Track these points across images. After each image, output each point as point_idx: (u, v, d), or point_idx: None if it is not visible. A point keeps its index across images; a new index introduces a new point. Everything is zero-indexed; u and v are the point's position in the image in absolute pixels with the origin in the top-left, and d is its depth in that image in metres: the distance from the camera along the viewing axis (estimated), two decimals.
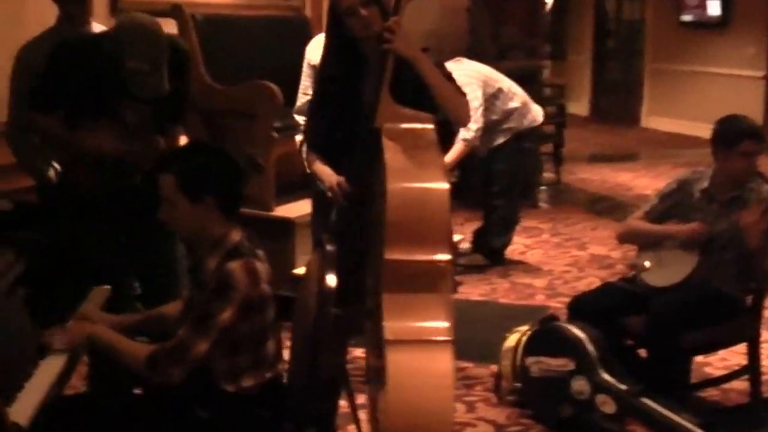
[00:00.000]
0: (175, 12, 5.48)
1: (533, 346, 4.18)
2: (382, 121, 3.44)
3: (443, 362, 3.26)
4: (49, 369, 2.77)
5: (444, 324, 3.32)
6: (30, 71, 3.99)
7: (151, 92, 3.64)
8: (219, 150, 3.01)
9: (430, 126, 3.48)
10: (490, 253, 6.54)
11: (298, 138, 4.74)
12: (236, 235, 2.90)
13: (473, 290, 6.06)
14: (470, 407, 4.35)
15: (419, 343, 3.27)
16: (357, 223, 3.60)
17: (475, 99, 5.97)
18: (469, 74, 6.11)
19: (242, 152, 3.90)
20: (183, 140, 4.01)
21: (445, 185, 3.36)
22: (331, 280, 2.83)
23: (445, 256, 3.32)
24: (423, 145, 3.46)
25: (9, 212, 3.48)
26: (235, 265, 2.78)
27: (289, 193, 5.44)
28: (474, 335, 5.13)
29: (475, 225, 6.76)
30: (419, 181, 3.38)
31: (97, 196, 3.73)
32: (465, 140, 5.95)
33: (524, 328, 4.33)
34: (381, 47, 3.40)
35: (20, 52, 4.18)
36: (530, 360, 4.15)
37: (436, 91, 3.50)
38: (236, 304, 2.75)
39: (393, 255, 3.30)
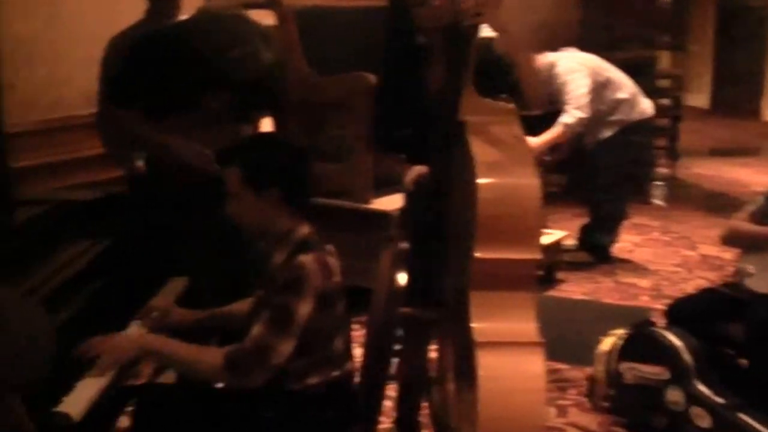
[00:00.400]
0: (273, 3, 5.43)
1: (628, 351, 4.03)
2: (465, 113, 3.33)
3: (535, 364, 3.14)
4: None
5: (533, 325, 3.20)
6: (117, 63, 3.97)
7: (258, 71, 3.58)
8: (285, 141, 2.96)
9: (516, 118, 3.36)
10: (595, 250, 6.36)
11: None
12: (304, 229, 2.82)
13: (576, 288, 5.90)
14: (562, 411, 4.21)
15: (510, 345, 3.16)
16: (432, 219, 3.50)
17: (583, 86, 5.84)
18: (579, 62, 6.01)
19: (334, 135, 3.80)
20: (269, 124, 3.96)
21: (536, 181, 3.24)
22: (401, 278, 2.74)
23: (535, 255, 3.20)
24: (511, 139, 3.33)
25: (92, 202, 3.49)
26: (306, 258, 2.71)
27: (386, 186, 5.34)
28: (572, 335, 4.99)
29: (584, 221, 6.57)
30: (510, 177, 3.26)
31: (181, 189, 3.69)
32: (565, 125, 5.80)
33: (620, 331, 4.17)
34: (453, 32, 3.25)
35: (109, 45, 4.18)
36: (624, 366, 3.99)
37: (524, 74, 3.40)
38: (312, 298, 2.67)
39: (483, 253, 3.20)
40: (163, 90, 3.71)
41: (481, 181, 3.21)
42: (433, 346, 3.62)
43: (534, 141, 5.68)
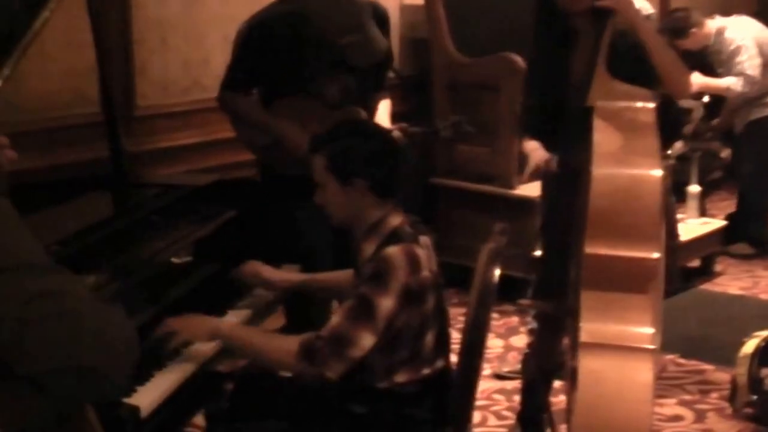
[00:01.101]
0: None
1: None
2: (595, 98, 3.17)
3: (643, 372, 2.96)
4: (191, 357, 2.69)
5: (648, 330, 3.01)
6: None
7: (372, 57, 3.52)
8: (372, 128, 2.86)
9: (650, 105, 3.16)
10: (754, 241, 5.99)
11: None
12: (395, 220, 2.71)
13: (732, 283, 5.61)
14: (700, 416, 4.00)
15: (617, 349, 2.99)
16: (564, 210, 3.34)
17: (756, 56, 5.65)
18: (750, 30, 5.75)
19: (449, 118, 3.68)
20: (386, 107, 3.86)
21: (658, 173, 3.04)
22: (496, 274, 2.59)
23: (654, 254, 3.00)
24: (639, 127, 3.15)
25: (207, 187, 3.48)
26: (393, 250, 2.59)
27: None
28: (721, 334, 4.75)
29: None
30: (629, 167, 3.08)
31: (293, 176, 3.63)
32: (729, 88, 5.60)
33: (765, 333, 3.90)
34: (598, 14, 3.19)
35: (240, 27, 4.13)
36: (766, 371, 3.72)
37: (657, 59, 3.21)
38: (396, 292, 2.55)
39: (594, 249, 3.02)
40: (278, 74, 3.68)
41: (596, 170, 3.04)
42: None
43: (698, 79, 5.42)
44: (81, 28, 4.21)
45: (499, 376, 4.41)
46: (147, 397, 2.43)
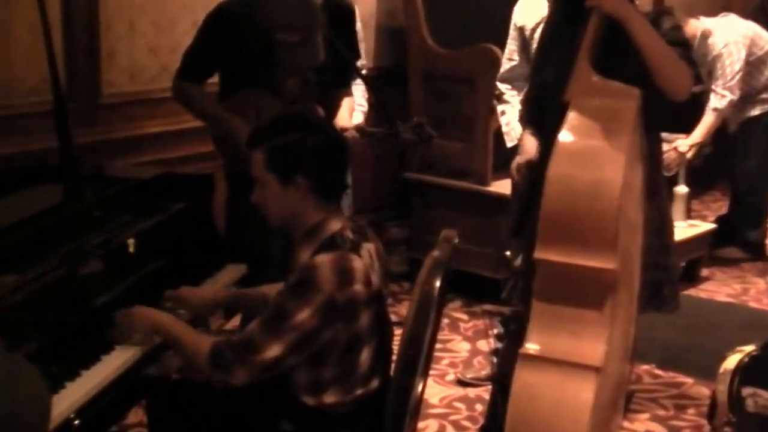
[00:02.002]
0: None
1: (752, 373, 3.61)
2: (573, 93, 3.00)
3: (583, 392, 2.81)
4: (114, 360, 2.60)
5: (597, 347, 2.85)
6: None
7: (303, 64, 3.40)
8: (317, 124, 2.70)
9: (633, 104, 2.99)
10: (746, 245, 5.83)
11: (500, 108, 4.34)
12: (335, 224, 2.56)
13: (720, 289, 5.46)
14: None
15: (558, 364, 2.84)
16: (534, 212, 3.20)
17: (737, 61, 5.40)
18: (737, 31, 5.51)
19: (411, 120, 3.56)
20: (348, 105, 3.75)
21: (618, 179, 2.88)
22: (437, 285, 2.46)
23: (607, 264, 2.86)
24: (614, 128, 2.96)
25: (156, 179, 3.39)
26: (321, 260, 2.45)
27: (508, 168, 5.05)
28: (704, 344, 4.59)
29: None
30: (590, 170, 2.92)
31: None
32: (716, 110, 5.37)
33: (749, 348, 3.73)
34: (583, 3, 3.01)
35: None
36: (747, 390, 3.57)
37: (649, 56, 3.06)
38: (316, 305, 2.41)
39: (545, 254, 2.89)
40: (232, 66, 3.58)
41: (552, 169, 2.89)
42: None
43: (687, 142, 5.30)
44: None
45: (462, 383, 4.27)
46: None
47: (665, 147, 4.59)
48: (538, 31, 3.80)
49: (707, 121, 5.37)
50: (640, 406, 4.06)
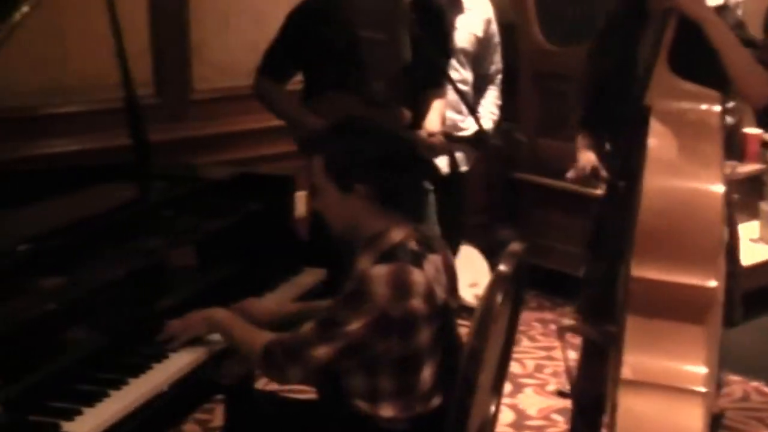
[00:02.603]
0: None
1: None
2: (654, 97, 2.78)
3: (691, 419, 2.57)
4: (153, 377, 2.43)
5: (700, 369, 2.61)
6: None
7: (387, 64, 3.22)
8: (378, 129, 2.51)
9: (716, 108, 2.76)
10: None
11: None
12: (398, 234, 2.39)
13: None
14: None
15: (663, 390, 2.61)
16: (613, 225, 2.97)
17: None
18: None
19: (501, 126, 3.35)
20: (439, 107, 3.53)
21: (718, 187, 2.63)
22: (498, 301, 2.25)
23: (709, 281, 2.60)
24: (703, 134, 2.74)
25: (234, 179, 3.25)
26: (378, 271, 2.30)
27: None
28: None
29: None
30: (688, 180, 2.67)
31: None
32: None
33: None
34: (661, 4, 2.83)
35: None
36: None
37: (727, 60, 2.83)
38: (368, 318, 2.27)
39: (642, 272, 2.64)
40: (314, 64, 3.42)
41: (648, 181, 2.65)
42: None
43: None
44: (134, 9, 4.09)
45: (562, 394, 4.02)
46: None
47: None
48: None
49: None
50: (745, 426, 3.82)
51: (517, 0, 5.03)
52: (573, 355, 3.90)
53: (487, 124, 4.02)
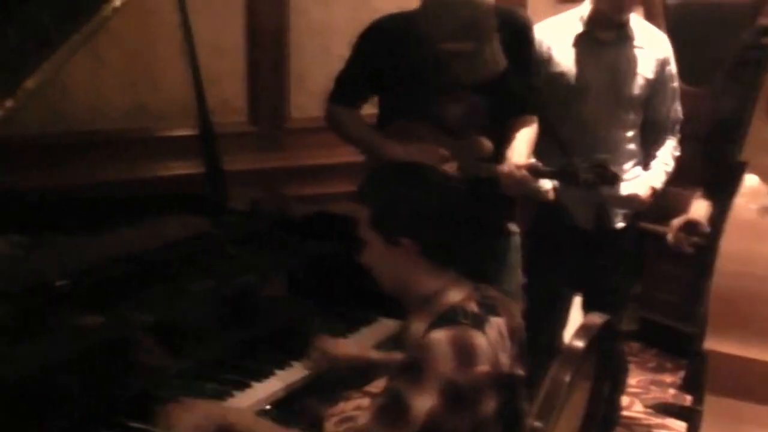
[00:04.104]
0: None
1: None
2: (751, 153, 2.61)
3: None
4: None
5: None
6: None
7: (483, 73, 3.06)
8: (431, 178, 2.33)
9: None
10: None
11: None
12: (455, 294, 2.22)
13: None
14: None
15: None
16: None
17: None
18: None
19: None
20: (527, 136, 3.35)
21: None
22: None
23: None
24: None
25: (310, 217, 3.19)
26: (438, 337, 2.11)
27: None
28: None
29: None
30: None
31: None
32: None
33: None
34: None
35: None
36: None
37: None
38: (436, 389, 2.08)
39: (717, 345, 2.47)
40: (387, 89, 3.31)
41: (726, 242, 2.47)
42: None
43: None
44: (230, 31, 4.08)
45: None
46: None
47: None
48: None
49: None
50: None
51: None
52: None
53: (660, 176, 3.77)
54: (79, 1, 2.66)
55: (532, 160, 3.23)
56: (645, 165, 3.76)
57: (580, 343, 2.20)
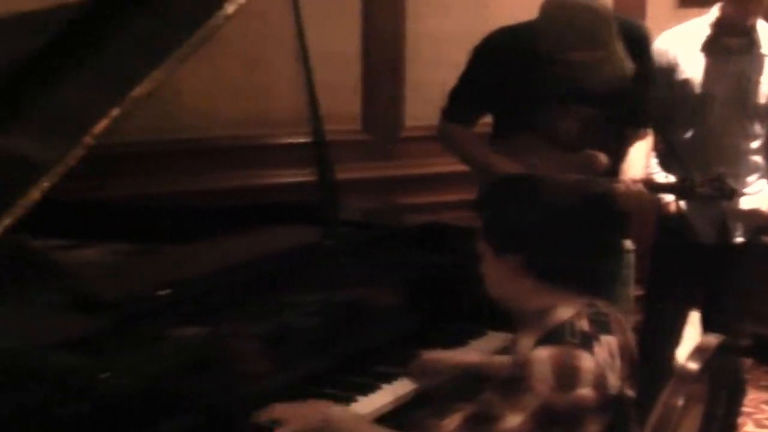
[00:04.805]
0: None
1: None
2: None
3: None
4: None
5: None
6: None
7: (610, 80, 3.00)
8: (541, 193, 2.26)
9: None
10: None
11: None
12: (565, 312, 2.15)
13: None
14: None
15: None
16: None
17: None
18: None
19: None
20: (642, 149, 3.28)
21: None
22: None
23: None
24: None
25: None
26: (540, 355, 2.05)
27: None
28: None
29: None
30: None
31: None
32: None
33: None
34: None
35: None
36: None
37: None
38: (529, 411, 2.02)
39: None
40: (501, 102, 3.26)
41: None
42: None
43: None
44: (346, 39, 4.09)
45: None
46: None
47: None
48: None
49: None
50: None
51: None
52: None
53: None
54: (189, 9, 2.66)
55: (650, 174, 3.16)
56: None
57: (694, 366, 2.12)
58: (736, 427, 3.94)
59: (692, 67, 3.55)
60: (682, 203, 3.49)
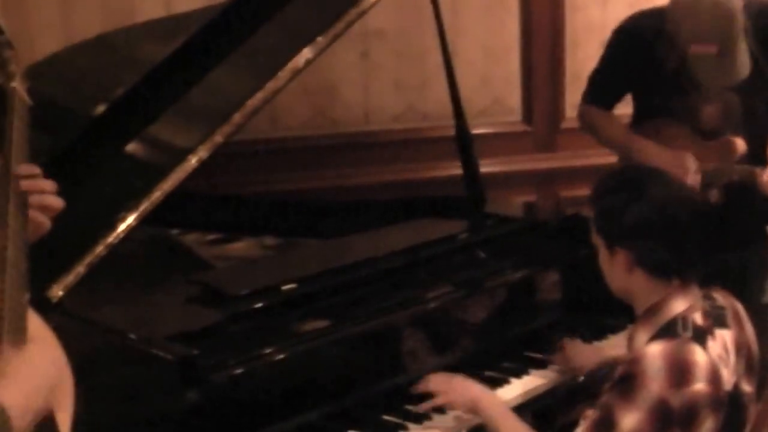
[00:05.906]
0: None
1: None
2: None
3: None
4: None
5: None
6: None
7: (720, 81, 2.97)
8: (653, 185, 2.20)
9: None
10: None
11: None
12: (679, 305, 2.13)
13: None
14: None
15: None
16: None
17: None
18: None
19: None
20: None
21: None
22: None
23: None
24: None
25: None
26: (652, 351, 2.04)
27: None
28: None
29: None
30: None
31: None
32: None
33: None
34: None
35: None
36: None
37: None
38: (645, 408, 2.01)
39: None
40: (640, 89, 3.22)
41: None
42: None
43: None
44: (506, 32, 4.11)
45: None
46: None
47: None
48: None
49: None
50: None
51: None
52: None
53: None
54: None
55: None
56: None
57: None
58: None
59: None
60: None
